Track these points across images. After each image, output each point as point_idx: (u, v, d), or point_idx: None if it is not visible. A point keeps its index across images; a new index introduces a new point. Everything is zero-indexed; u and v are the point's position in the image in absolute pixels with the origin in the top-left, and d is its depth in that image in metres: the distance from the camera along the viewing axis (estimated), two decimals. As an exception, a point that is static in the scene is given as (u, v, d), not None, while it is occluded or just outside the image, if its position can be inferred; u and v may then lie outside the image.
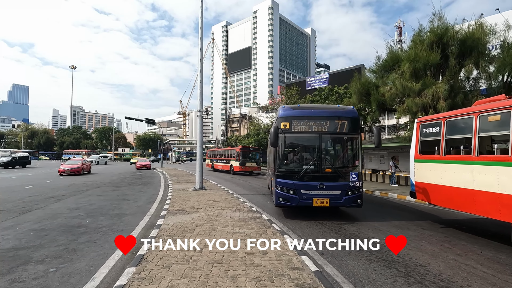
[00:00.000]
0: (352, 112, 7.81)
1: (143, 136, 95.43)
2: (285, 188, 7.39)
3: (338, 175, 7.45)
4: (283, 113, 7.75)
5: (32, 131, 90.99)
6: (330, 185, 7.28)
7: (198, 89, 13.86)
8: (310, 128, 7.49)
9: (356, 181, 7.35)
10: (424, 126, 7.57)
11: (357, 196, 7.39)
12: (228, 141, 57.57)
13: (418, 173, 7.68)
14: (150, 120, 35.48)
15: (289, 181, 7.40)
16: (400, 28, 54.06)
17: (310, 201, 7.24)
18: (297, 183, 7.32)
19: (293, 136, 7.84)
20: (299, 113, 7.81)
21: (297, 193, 7.29)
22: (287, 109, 7.89)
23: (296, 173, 7.44)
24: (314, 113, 7.88)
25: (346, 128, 7.52)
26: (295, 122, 7.52)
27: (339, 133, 7.66)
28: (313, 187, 7.25)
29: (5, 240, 5.57)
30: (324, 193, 7.24)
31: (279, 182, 7.52)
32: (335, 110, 8.24)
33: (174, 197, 10.79)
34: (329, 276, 4.03)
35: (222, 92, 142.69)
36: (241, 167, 25.44)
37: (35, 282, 3.75)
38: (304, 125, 7.51)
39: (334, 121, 7.56)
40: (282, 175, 7.58)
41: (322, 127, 7.50)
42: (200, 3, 13.36)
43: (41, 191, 12.93)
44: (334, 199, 7.25)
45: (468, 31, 12.46)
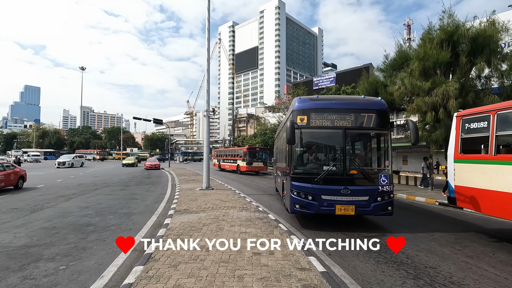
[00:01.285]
0: (381, 104, 6.69)
1: (151, 136, 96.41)
2: (303, 193, 6.34)
3: (365, 178, 6.32)
4: (299, 105, 6.67)
5: (43, 131, 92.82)
6: (356, 189, 6.24)
7: (205, 89, 13.93)
8: (332, 123, 6.40)
9: (386, 185, 6.27)
10: (467, 120, 6.44)
11: (388, 202, 6.30)
12: (235, 141, 57.70)
13: (459, 175, 6.54)
14: (157, 120, 35.82)
15: (307, 184, 6.34)
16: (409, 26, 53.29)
17: (332, 209, 6.17)
18: (317, 187, 6.24)
19: (311, 132, 6.77)
20: (319, 105, 6.70)
21: (316, 198, 6.23)
22: (304, 101, 6.80)
23: (315, 176, 6.32)
24: (336, 105, 6.67)
25: (374, 122, 6.44)
26: (313, 115, 6.45)
27: (365, 128, 6.56)
28: (335, 192, 6.19)
29: (17, 238, 5.69)
30: (349, 199, 6.19)
31: (295, 186, 6.46)
32: (361, 101, 6.95)
33: (182, 196, 10.86)
34: (336, 277, 4.00)
35: (229, 92, 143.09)
36: (247, 167, 25.45)
37: (46, 280, 3.82)
38: (324, 119, 6.43)
39: (360, 114, 6.46)
40: (299, 177, 6.53)
41: (345, 121, 6.39)
42: (207, 3, 13.42)
43: (52, 190, 13.18)
44: (361, 206, 6.20)
45: (479, 29, 12.19)
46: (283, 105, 36.74)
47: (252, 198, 10.98)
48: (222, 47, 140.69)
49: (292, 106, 7.13)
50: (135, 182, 17.77)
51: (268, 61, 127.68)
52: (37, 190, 13.18)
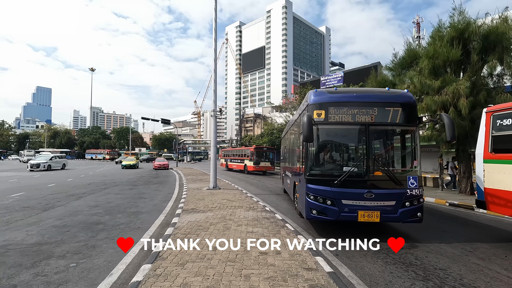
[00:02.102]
0: (408, 97, 6.03)
1: (159, 136, 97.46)
2: (320, 197, 5.68)
3: (391, 180, 5.61)
4: (316, 99, 6.04)
5: (54, 132, 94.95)
6: (381, 193, 5.60)
7: (212, 89, 14.00)
8: (353, 118, 5.75)
9: (415, 188, 5.61)
10: (499, 117, 5.91)
11: (417, 208, 5.62)
12: (242, 141, 57.79)
13: (489, 177, 5.98)
14: (165, 120, 36.15)
15: (325, 187, 5.68)
16: (419, 24, 52.49)
17: (354, 215, 5.51)
18: (337, 190, 5.59)
19: (330, 128, 6.09)
20: (338, 98, 6.04)
21: (336, 203, 5.59)
22: (321, 94, 6.16)
23: (334, 178, 5.66)
24: (358, 98, 5.95)
25: (400, 117, 5.80)
26: (332, 110, 5.79)
27: (391, 124, 5.95)
28: (358, 196, 5.54)
29: (29, 236, 5.82)
30: (374, 204, 5.53)
31: (311, 189, 5.81)
32: (385, 94, 6.28)
33: (189, 196, 10.94)
34: (343, 277, 3.97)
35: (236, 92, 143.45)
36: (255, 167, 25.41)
37: (57, 276, 3.90)
38: (345, 114, 5.76)
39: (385, 109, 5.82)
40: (315, 179, 5.87)
41: (368, 117, 5.73)
42: (214, 4, 13.48)
43: (63, 189, 13.44)
44: (387, 212, 5.53)
45: (491, 26, 11.91)
46: (290, 105, 36.61)
47: (259, 198, 10.98)
48: (229, 47, 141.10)
49: (307, 99, 6.43)
50: (143, 181, 17.98)
51: (275, 60, 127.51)
52: (49, 188, 13.45)
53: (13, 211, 8.27)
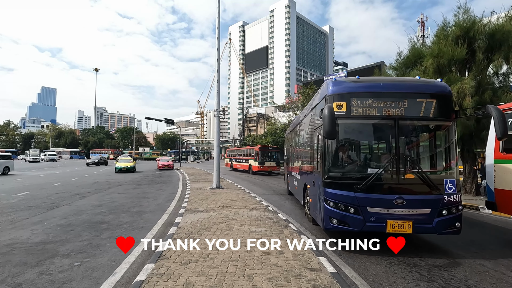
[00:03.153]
0: (443, 87, 5.23)
1: (162, 136, 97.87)
2: (342, 203, 4.92)
3: (426, 184, 4.83)
4: (335, 89, 5.25)
5: (59, 131, 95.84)
6: (414, 199, 4.81)
7: (215, 89, 14.02)
8: (379, 111, 5.00)
9: (453, 193, 4.82)
10: (510, 115, 5.68)
11: (455, 217, 4.84)
12: (245, 141, 57.81)
13: (500, 177, 5.71)
14: (169, 120, 36.27)
15: (347, 193, 4.90)
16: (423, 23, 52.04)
17: (382, 225, 4.76)
18: (361, 196, 4.83)
19: (352, 123, 5.32)
20: (362, 87, 5.30)
21: (361, 211, 4.83)
22: (342, 83, 5.36)
23: (358, 181, 4.89)
24: (385, 88, 5.22)
25: (435, 110, 5.01)
26: (355, 102, 5.04)
27: (424, 118, 5.12)
28: (386, 203, 4.78)
29: (34, 235, 5.88)
30: (405, 213, 4.75)
31: (330, 195, 5.03)
32: (417, 83, 5.41)
33: (192, 195, 10.97)
34: (347, 278, 3.95)
35: (239, 91, 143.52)
36: (260, 167, 25.09)
37: (61, 275, 3.93)
38: (370, 106, 5.02)
39: (416, 100, 5.05)
40: (336, 183, 5.08)
41: (397, 110, 4.98)
42: (217, 4, 13.49)
43: (67, 188, 13.55)
44: (421, 221, 4.78)
45: (497, 24, 11.78)
46: (293, 105, 36.54)
47: (262, 198, 10.98)
48: (232, 47, 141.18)
49: (325, 90, 5.62)
50: (147, 181, 18.07)
51: (278, 60, 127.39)
52: (54, 188, 13.56)
53: (18, 210, 8.35)
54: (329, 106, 4.85)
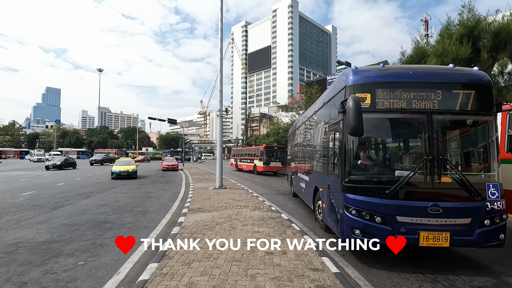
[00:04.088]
0: (481, 76, 4.58)
1: (165, 136, 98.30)
2: (367, 211, 4.24)
3: (465, 189, 4.15)
4: (357, 78, 4.59)
5: (63, 132, 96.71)
6: (452, 207, 4.15)
7: (218, 89, 14.04)
8: (409, 104, 4.33)
9: (497, 200, 4.18)
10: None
11: (500, 228, 4.18)
12: (248, 141, 57.84)
13: (506, 178, 5.35)
14: (172, 120, 36.36)
15: (373, 199, 4.25)
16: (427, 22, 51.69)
17: (414, 237, 4.09)
18: (390, 203, 4.18)
19: (378, 118, 4.58)
20: (389, 76, 4.61)
21: (389, 221, 4.17)
22: (364, 71, 4.75)
23: (385, 186, 4.25)
24: (416, 77, 4.55)
25: (473, 102, 4.35)
26: (381, 93, 4.39)
27: (461, 112, 4.43)
28: (419, 211, 4.12)
29: (39, 234, 5.93)
30: (441, 222, 4.08)
31: (353, 201, 4.36)
32: (452, 72, 4.71)
33: (195, 195, 11.00)
34: (350, 278, 3.94)
35: (242, 91, 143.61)
36: (264, 167, 24.46)
37: (66, 274, 3.96)
38: (398, 98, 4.36)
39: (452, 92, 4.40)
40: (359, 188, 4.41)
41: (430, 102, 4.32)
42: (220, 4, 13.51)
43: (72, 188, 13.66)
44: (459, 233, 4.10)
45: (502, 23, 11.67)
46: (296, 104, 36.46)
47: (265, 198, 10.97)
48: (235, 47, 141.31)
49: (343, 80, 4.95)
50: (150, 181, 18.15)
51: (281, 60, 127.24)
52: (58, 187, 13.67)
53: (23, 209, 8.43)
54: (354, 98, 4.12)
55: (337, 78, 5.60)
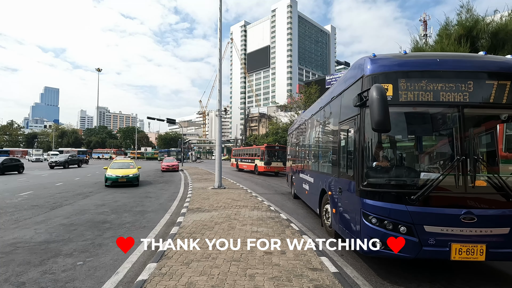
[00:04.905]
0: None
1: (164, 136, 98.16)
2: (389, 220, 3.72)
3: (503, 194, 3.64)
4: (376, 67, 4.05)
5: (62, 131, 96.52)
6: (488, 215, 3.62)
7: (217, 89, 14.04)
8: (436, 97, 3.80)
9: None
10: None
11: None
12: (247, 140, 57.83)
13: None
14: (171, 120, 36.31)
15: (396, 205, 3.71)
16: (425, 22, 51.78)
17: (445, 249, 3.57)
18: (416, 210, 3.64)
19: (401, 112, 4.00)
20: (414, 64, 4.08)
21: (416, 231, 3.63)
22: (384, 59, 4.19)
23: (411, 190, 3.72)
24: (445, 66, 3.99)
25: (510, 95, 3.77)
26: (404, 83, 3.84)
27: (496, 105, 3.85)
28: (451, 220, 3.59)
29: (38, 234, 5.92)
30: (476, 233, 3.57)
31: (372, 207, 3.84)
32: (484, 60, 4.14)
33: (194, 195, 10.99)
34: (349, 278, 3.94)
35: (241, 91, 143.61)
36: (266, 167, 24.01)
37: (64, 274, 3.96)
38: (424, 90, 3.81)
39: (485, 82, 3.88)
40: (379, 192, 3.87)
41: (461, 94, 3.79)
42: (219, 4, 13.50)
43: (70, 188, 13.62)
44: (497, 245, 3.58)
45: (500, 23, 11.72)
46: (295, 104, 36.48)
47: (264, 198, 10.98)
48: (234, 47, 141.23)
49: (359, 69, 4.41)
50: (149, 180, 18.12)
51: (280, 60, 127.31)
52: (57, 187, 13.63)
53: (22, 209, 8.41)
54: (379, 87, 3.53)
55: (350, 68, 5.02)
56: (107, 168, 15.28)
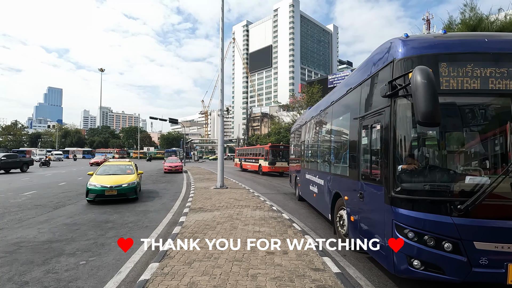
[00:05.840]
0: None
1: (166, 136, 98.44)
2: (430, 235, 3.11)
3: None
4: (409, 49, 3.45)
5: (65, 131, 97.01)
6: None
7: (219, 89, 14.04)
8: (485, 83, 3.19)
9: None
10: None
11: None
12: (249, 140, 57.85)
13: None
14: (173, 119, 36.48)
15: (439, 217, 3.12)
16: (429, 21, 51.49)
17: (501, 271, 2.99)
18: (464, 223, 3.05)
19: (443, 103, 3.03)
20: (456, 45, 3.48)
21: (463, 248, 3.04)
22: (418, 39, 3.67)
23: (457, 198, 3.13)
24: (495, 47, 3.37)
25: None
26: (446, 68, 3.24)
27: None
28: (507, 235, 3.04)
29: (41, 233, 5.95)
30: None
31: (407, 219, 3.23)
32: None
33: (196, 195, 11.01)
34: (351, 278, 3.93)
35: (243, 91, 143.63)
36: (270, 167, 23.40)
37: (67, 274, 3.97)
38: (470, 76, 3.20)
39: None
40: (416, 200, 3.25)
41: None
42: (221, 3, 13.50)
43: (73, 187, 13.69)
44: None
45: (504, 22, 11.63)
46: (297, 104, 36.44)
47: (266, 197, 10.97)
48: (236, 47, 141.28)
49: (388, 52, 3.76)
50: (151, 180, 18.17)
51: (282, 59, 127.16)
52: (60, 187, 13.70)
53: (25, 209, 8.46)
54: (424, 70, 2.88)
55: (373, 54, 4.35)
56: (92, 174, 10.62)
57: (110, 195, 9.53)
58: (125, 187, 9.76)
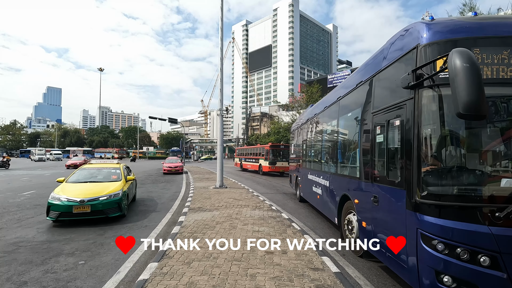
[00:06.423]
0: None
1: (166, 135, 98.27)
2: (464, 247, 2.67)
3: None
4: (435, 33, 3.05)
5: (64, 131, 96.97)
6: None
7: (219, 89, 14.04)
8: None
9: None
10: None
11: None
12: (249, 140, 57.84)
13: None
14: (172, 119, 36.39)
15: (474, 226, 2.68)
16: (428, 20, 51.53)
17: None
18: (504, 233, 2.62)
19: None
20: (491, 28, 3.06)
21: (503, 263, 2.59)
22: (446, 22, 3.22)
23: (495, 203, 2.72)
24: None
25: None
26: (479, 55, 2.86)
27: None
28: None
29: (40, 233, 5.94)
30: None
31: (435, 228, 2.80)
32: None
33: (196, 194, 11.00)
34: (350, 278, 3.93)
35: (243, 91, 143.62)
36: (270, 167, 23.26)
37: (66, 274, 3.97)
38: (505, 62, 2.83)
39: None
40: (445, 207, 2.82)
41: None
42: (220, 3, 13.49)
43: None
44: None
45: (504, 21, 11.63)
46: (297, 104, 36.42)
47: (265, 197, 10.97)
48: (236, 46, 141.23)
49: (409, 37, 3.37)
50: (151, 180, 18.16)
51: (281, 59, 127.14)
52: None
53: (24, 209, 8.45)
54: (464, 52, 2.42)
55: (390, 41, 3.92)
56: (62, 181, 7.81)
57: (80, 213, 6.54)
58: (103, 201, 6.75)
